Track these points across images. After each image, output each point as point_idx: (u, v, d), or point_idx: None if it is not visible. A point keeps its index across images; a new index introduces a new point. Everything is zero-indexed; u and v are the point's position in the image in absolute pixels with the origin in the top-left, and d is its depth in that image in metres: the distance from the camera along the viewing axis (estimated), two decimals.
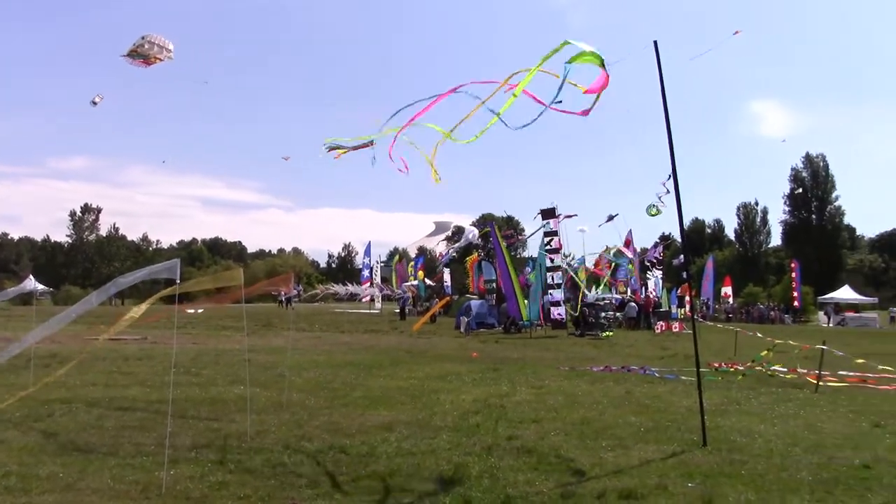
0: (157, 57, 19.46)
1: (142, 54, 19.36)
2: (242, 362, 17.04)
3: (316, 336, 29.76)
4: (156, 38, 19.50)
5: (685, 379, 15.47)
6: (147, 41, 19.34)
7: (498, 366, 18.34)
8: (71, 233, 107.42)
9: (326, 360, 19.44)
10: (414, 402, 12.39)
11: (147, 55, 19.37)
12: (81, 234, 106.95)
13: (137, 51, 19.30)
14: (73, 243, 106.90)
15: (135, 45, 19.30)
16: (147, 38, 19.40)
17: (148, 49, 19.30)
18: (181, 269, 8.14)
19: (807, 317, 56.01)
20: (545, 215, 35.53)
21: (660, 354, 22.56)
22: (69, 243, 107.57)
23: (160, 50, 19.46)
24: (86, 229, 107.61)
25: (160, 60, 19.55)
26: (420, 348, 24.10)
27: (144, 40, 19.34)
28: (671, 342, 28.00)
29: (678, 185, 9.99)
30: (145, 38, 19.38)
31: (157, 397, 12.46)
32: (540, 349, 24.70)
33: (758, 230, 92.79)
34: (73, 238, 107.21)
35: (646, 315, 40.60)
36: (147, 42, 19.33)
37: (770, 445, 9.20)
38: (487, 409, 11.77)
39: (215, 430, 9.89)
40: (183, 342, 23.92)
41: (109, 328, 27.25)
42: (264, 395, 12.76)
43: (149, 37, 19.44)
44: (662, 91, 9.42)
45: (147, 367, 17.15)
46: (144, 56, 19.37)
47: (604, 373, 17.25)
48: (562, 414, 11.35)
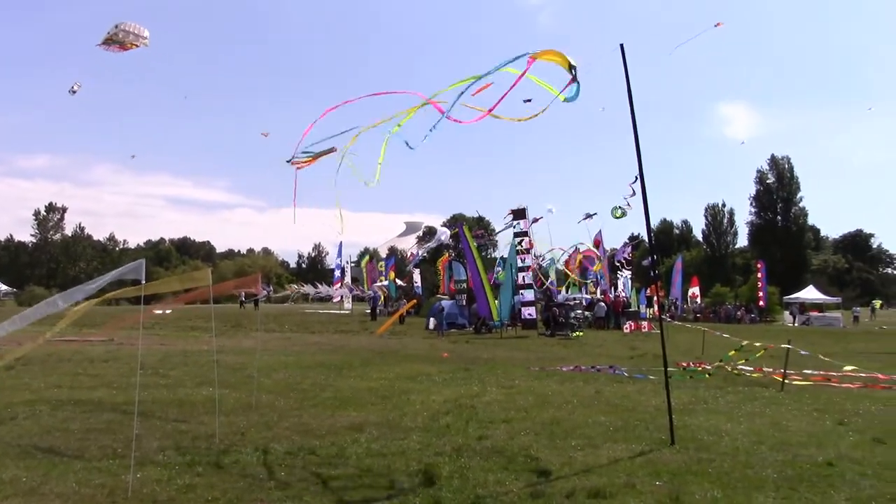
0: (132, 44, 19.17)
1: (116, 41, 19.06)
2: (211, 363, 16.86)
3: (286, 337, 29.56)
4: (130, 25, 19.19)
5: (654, 378, 15.61)
6: (121, 29, 19.03)
7: (468, 366, 18.36)
8: (35, 232, 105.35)
9: (296, 360, 19.32)
10: (384, 403, 12.37)
11: (122, 42, 19.08)
12: (46, 234, 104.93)
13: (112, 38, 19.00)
14: (37, 243, 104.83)
15: (109, 34, 18.99)
16: (121, 26, 19.09)
17: (123, 37, 19.01)
18: (148, 270, 8.04)
19: (772, 316, 56.80)
20: (516, 216, 35.73)
21: (629, 354, 22.74)
22: (33, 243, 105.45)
23: (135, 38, 19.17)
24: (50, 229, 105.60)
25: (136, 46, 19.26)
26: (390, 349, 24.05)
27: (118, 29, 19.03)
28: (640, 342, 28.23)
29: (645, 187, 10.13)
30: (119, 27, 19.07)
31: (123, 399, 12.29)
32: (510, 349, 24.78)
33: (725, 231, 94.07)
34: (37, 238, 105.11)
35: (615, 315, 40.93)
36: (121, 31, 19.02)
37: (736, 443, 9.32)
38: (458, 409, 11.78)
39: (183, 432, 9.78)
40: (150, 343, 23.62)
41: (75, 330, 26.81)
42: (233, 397, 12.65)
43: (122, 25, 19.13)
44: (629, 94, 9.52)
45: (113, 368, 16.90)
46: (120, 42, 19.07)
47: (573, 373, 17.34)
48: (532, 414, 11.40)
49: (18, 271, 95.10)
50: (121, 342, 23.92)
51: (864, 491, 7.31)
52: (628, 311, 42.89)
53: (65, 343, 23.36)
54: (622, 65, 9.42)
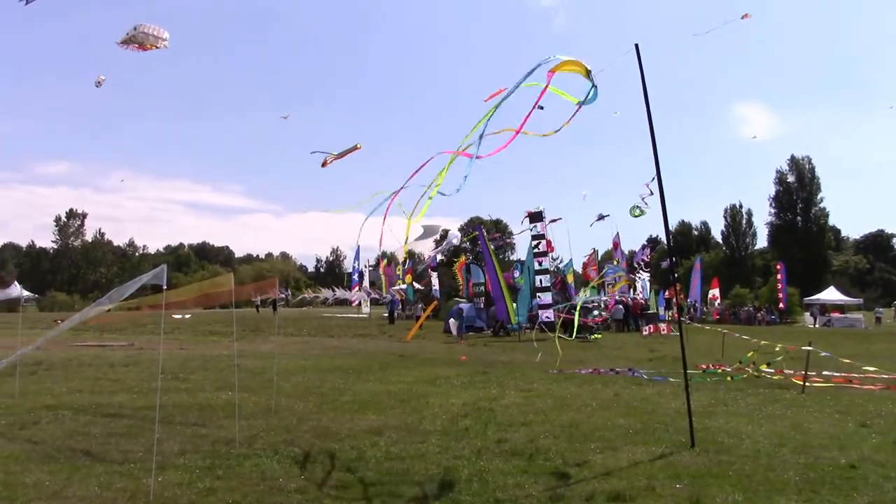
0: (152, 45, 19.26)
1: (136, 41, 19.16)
2: (230, 367, 16.97)
3: (304, 341, 29.66)
4: (148, 27, 19.23)
5: (673, 381, 15.53)
6: (140, 31, 19.09)
7: (487, 369, 18.35)
8: (56, 238, 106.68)
9: (315, 364, 19.39)
10: (403, 406, 12.39)
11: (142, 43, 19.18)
12: (67, 240, 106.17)
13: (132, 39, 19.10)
14: (58, 249, 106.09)
15: (127, 35, 19.08)
16: (140, 27, 19.14)
17: (142, 39, 19.10)
18: (168, 275, 8.12)
19: (793, 318, 56.29)
20: (532, 218, 35.63)
21: (648, 356, 22.63)
22: (54, 249, 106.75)
23: (155, 39, 19.25)
24: (71, 235, 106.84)
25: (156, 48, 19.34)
26: (408, 352, 24.07)
27: (137, 31, 19.09)
28: (659, 344, 28.09)
29: (662, 186, 10.06)
30: (138, 29, 19.11)
31: (144, 403, 12.39)
32: (528, 352, 24.70)
33: (744, 232, 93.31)
34: (58, 244, 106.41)
35: (634, 317, 40.75)
36: (140, 33, 19.10)
37: (757, 446, 9.26)
38: (476, 412, 11.78)
39: (203, 436, 9.85)
40: (170, 348, 23.80)
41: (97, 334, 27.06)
42: (252, 401, 12.71)
43: (141, 27, 19.18)
44: (645, 94, 9.50)
45: (134, 373, 17.05)
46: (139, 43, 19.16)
47: (592, 375, 17.29)
48: (550, 417, 11.38)
49: (40, 277, 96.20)
50: (141, 347, 24.14)
51: (888, 494, 7.23)
52: (647, 314, 42.67)
53: (85, 348, 23.62)
54: (637, 65, 9.39)
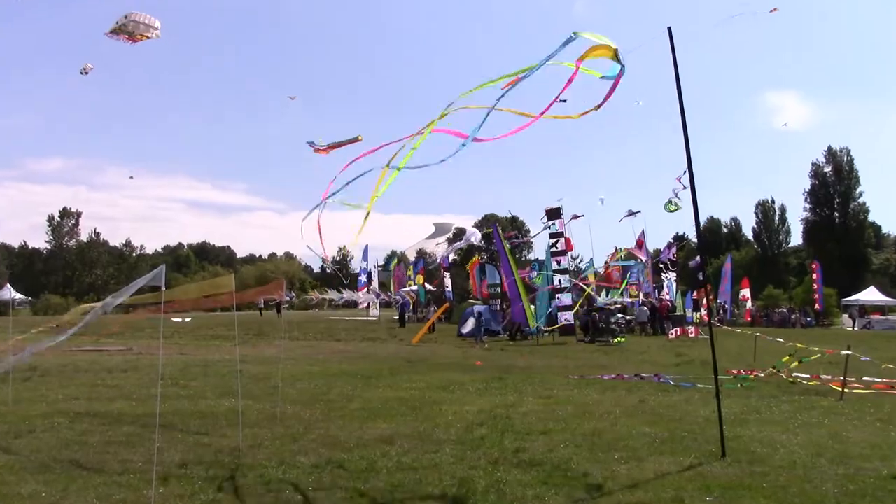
0: (143, 34, 19.29)
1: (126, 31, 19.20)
2: (233, 373, 17.05)
3: (310, 345, 29.74)
4: (140, 15, 19.27)
5: (702, 387, 15.46)
6: (131, 20, 19.13)
7: (503, 375, 18.35)
8: (49, 239, 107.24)
9: (321, 370, 19.45)
10: (415, 414, 12.41)
11: (132, 33, 19.22)
12: (61, 240, 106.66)
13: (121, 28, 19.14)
14: (52, 250, 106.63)
15: (118, 24, 19.12)
16: (131, 16, 19.18)
17: (133, 28, 19.14)
18: (166, 276, 8.17)
19: (830, 320, 55.93)
20: (551, 215, 35.60)
21: (675, 361, 22.56)
22: (48, 250, 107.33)
23: (146, 28, 19.29)
24: (65, 235, 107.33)
25: (147, 38, 19.39)
26: (420, 357, 24.10)
27: (128, 19, 19.12)
28: (686, 348, 27.98)
29: (694, 180, 9.97)
30: (129, 17, 19.15)
31: (143, 411, 12.47)
32: (548, 357, 24.71)
33: (777, 229, 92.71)
34: (51, 244, 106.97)
35: (659, 320, 40.62)
36: (131, 21, 19.14)
37: (793, 456, 9.20)
38: (493, 420, 11.78)
39: (205, 445, 9.90)
40: (170, 353, 23.93)
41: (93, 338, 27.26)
42: (256, 408, 12.77)
43: (133, 15, 19.22)
44: (677, 80, 9.38)
45: (132, 379, 17.16)
46: (129, 33, 19.20)
47: (615, 381, 17.25)
48: (571, 425, 11.36)
49: (33, 279, 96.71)
50: (139, 351, 24.29)
51: None
52: (673, 316, 42.53)
53: (82, 353, 23.79)
54: (669, 50, 9.29)
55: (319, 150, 11.01)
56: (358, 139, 10.72)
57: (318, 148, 10.98)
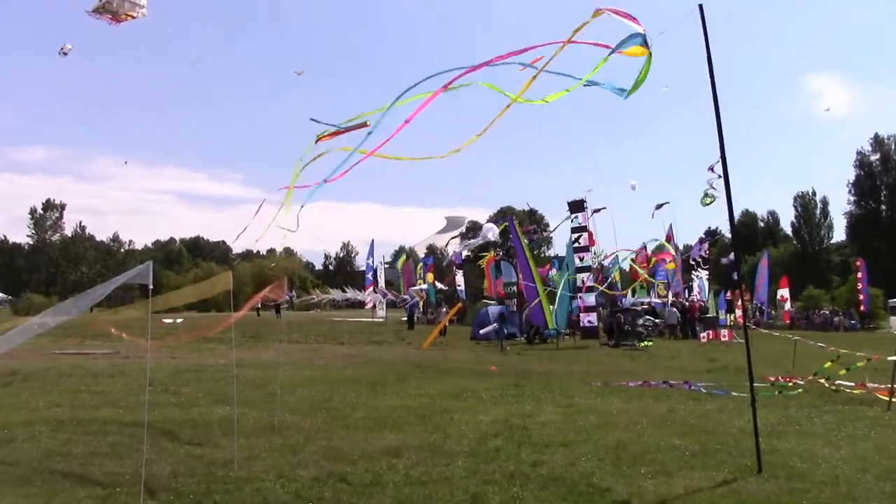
0: (128, 14, 19.23)
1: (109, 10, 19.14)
2: (228, 379, 17.08)
3: (311, 348, 29.82)
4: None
5: (736, 395, 15.40)
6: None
7: (520, 381, 18.32)
8: (32, 233, 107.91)
9: (323, 375, 19.48)
10: (424, 424, 12.40)
11: (115, 12, 19.16)
12: (43, 235, 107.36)
13: (105, 7, 19.08)
14: (34, 245, 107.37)
15: (101, 2, 19.07)
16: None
17: (117, 6, 19.08)
18: (157, 273, 8.17)
19: (876, 323, 55.60)
20: (573, 208, 35.51)
21: (706, 367, 22.49)
22: (30, 245, 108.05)
23: (131, 6, 19.23)
24: (48, 229, 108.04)
25: (132, 17, 19.34)
26: (431, 362, 24.11)
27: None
28: (719, 353, 27.89)
29: (727, 170, 9.88)
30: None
31: (131, 419, 12.51)
32: (568, 362, 24.66)
33: (818, 223, 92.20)
34: (34, 239, 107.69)
35: (690, 322, 40.47)
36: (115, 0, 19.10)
37: (835, 471, 9.15)
38: (509, 431, 11.77)
39: (198, 456, 9.92)
40: (160, 356, 24.01)
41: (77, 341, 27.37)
42: (253, 417, 12.79)
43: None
44: (709, 62, 9.31)
45: (119, 384, 17.22)
46: (113, 12, 19.15)
47: (642, 388, 17.21)
48: (594, 436, 11.33)
49: (14, 276, 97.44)
50: (127, 355, 24.37)
51: None
52: (705, 318, 42.37)
53: (65, 356, 23.91)
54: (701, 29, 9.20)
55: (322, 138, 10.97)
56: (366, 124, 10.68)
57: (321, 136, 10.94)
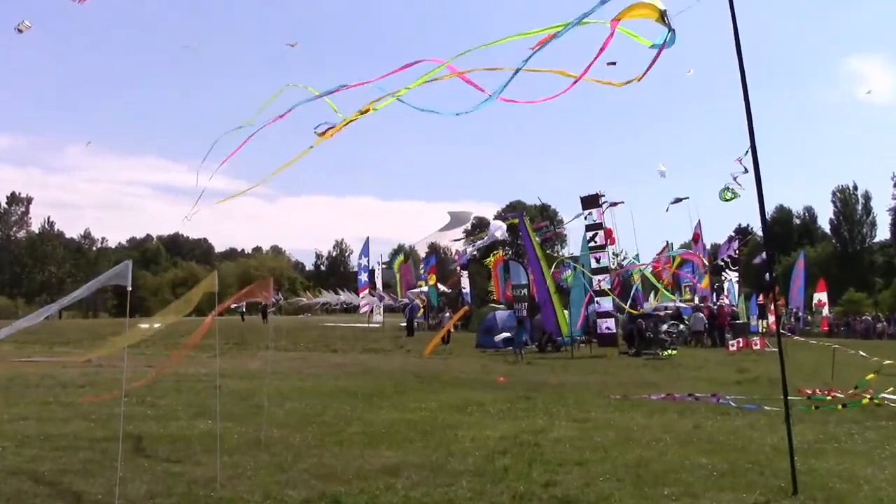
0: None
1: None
2: (210, 390, 17.11)
3: (301, 356, 29.86)
4: None
5: (769, 409, 15.39)
6: None
7: (531, 393, 18.33)
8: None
9: (314, 386, 19.50)
10: (425, 440, 12.41)
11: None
12: (8, 231, 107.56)
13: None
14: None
15: None
16: None
17: None
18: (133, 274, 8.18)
19: None
20: (587, 203, 35.51)
21: (736, 378, 22.47)
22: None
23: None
24: (13, 225, 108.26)
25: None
26: (432, 372, 24.12)
27: None
28: (750, 363, 27.87)
29: (758, 161, 9.85)
30: None
31: (104, 434, 12.52)
32: (584, 372, 24.67)
33: (860, 220, 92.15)
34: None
35: (718, 328, 40.45)
36: None
37: (879, 494, 9.14)
38: (518, 448, 11.76)
39: (177, 474, 9.92)
40: (136, 365, 23.99)
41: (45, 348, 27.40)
42: (237, 431, 12.80)
43: None
44: (737, 41, 9.29)
45: (92, 395, 17.22)
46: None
47: (665, 402, 17.20)
48: (612, 454, 11.33)
49: None
50: (100, 364, 24.35)
51: None
52: (735, 324, 42.38)
53: (31, 364, 23.94)
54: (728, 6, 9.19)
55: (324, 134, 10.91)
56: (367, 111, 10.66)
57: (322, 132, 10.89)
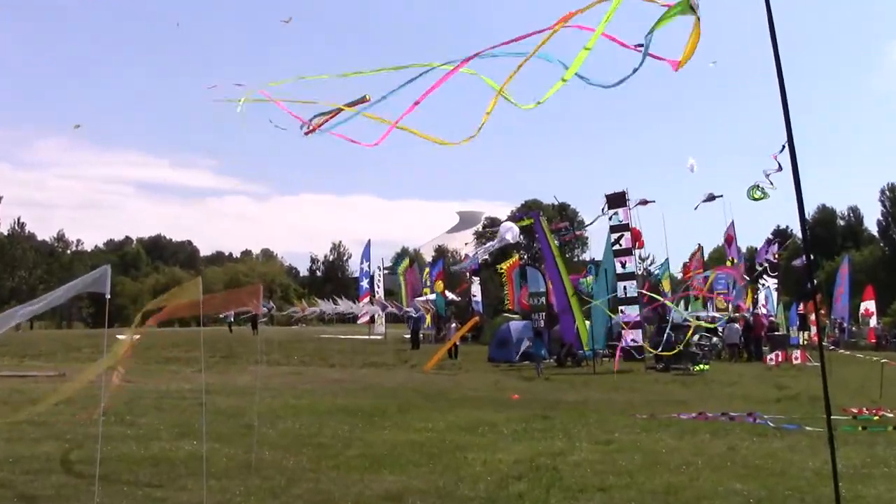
0: None
1: None
2: (195, 407, 17.14)
3: (295, 371, 29.87)
4: None
5: (811, 430, 15.36)
6: None
7: (549, 412, 18.31)
8: None
9: (310, 404, 19.51)
10: (432, 464, 12.41)
11: None
12: None
13: None
14: None
15: None
16: None
17: None
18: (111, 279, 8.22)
19: None
20: (612, 202, 35.41)
21: (775, 396, 22.43)
22: None
23: None
24: None
25: None
26: (440, 388, 24.12)
27: None
28: (790, 378, 27.82)
29: (796, 157, 9.83)
30: None
31: (78, 456, 12.57)
32: (607, 389, 24.63)
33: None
34: None
35: (755, 341, 40.34)
36: None
37: None
38: (535, 472, 11.76)
39: (159, 500, 9.95)
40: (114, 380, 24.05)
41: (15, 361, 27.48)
42: (225, 453, 12.82)
43: None
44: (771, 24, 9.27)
45: (66, 414, 17.28)
46: None
47: (697, 421, 17.16)
48: (638, 479, 11.32)
49: None
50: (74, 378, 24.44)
51: None
52: (773, 336, 42.25)
53: None
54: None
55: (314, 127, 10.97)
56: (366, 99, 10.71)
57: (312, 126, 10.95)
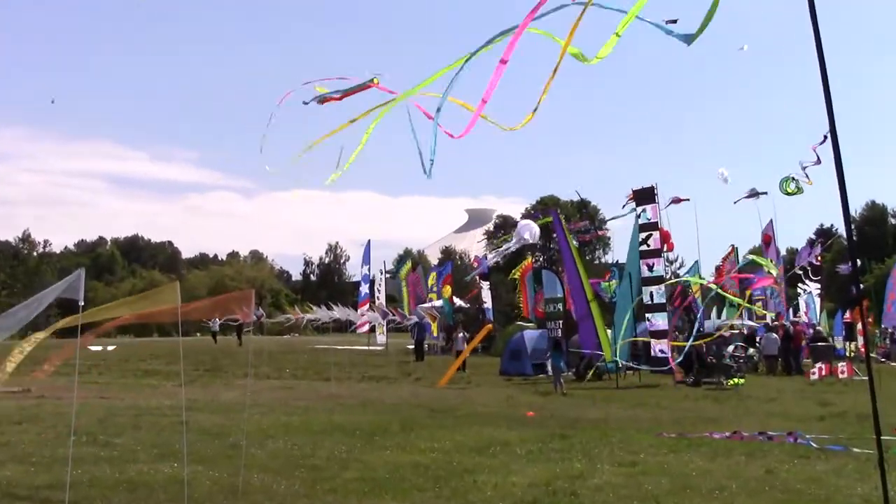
0: None
1: None
2: (176, 426, 17.15)
3: (287, 385, 29.91)
4: None
5: (858, 452, 15.33)
6: None
7: (567, 431, 18.30)
8: None
9: (303, 422, 19.52)
10: (438, 488, 12.42)
11: None
12: None
13: None
14: None
15: None
16: None
17: None
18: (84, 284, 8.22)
19: None
20: (639, 199, 35.35)
21: (818, 413, 22.38)
22: None
23: None
24: None
25: None
26: (446, 404, 24.12)
27: None
28: (835, 394, 27.77)
29: (839, 149, 9.76)
30: None
31: (46, 480, 12.58)
32: (632, 405, 24.62)
33: None
34: None
35: (795, 352, 40.26)
36: None
37: None
38: (551, 497, 11.77)
39: None
40: (86, 395, 24.11)
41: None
42: (210, 476, 12.84)
43: None
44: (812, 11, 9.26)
45: (31, 433, 17.31)
46: None
47: (731, 441, 17.15)
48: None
49: None
50: (41, 394, 24.46)
51: None
52: (816, 347, 42.14)
53: None
54: None
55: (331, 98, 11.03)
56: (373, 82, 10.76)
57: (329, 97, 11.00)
